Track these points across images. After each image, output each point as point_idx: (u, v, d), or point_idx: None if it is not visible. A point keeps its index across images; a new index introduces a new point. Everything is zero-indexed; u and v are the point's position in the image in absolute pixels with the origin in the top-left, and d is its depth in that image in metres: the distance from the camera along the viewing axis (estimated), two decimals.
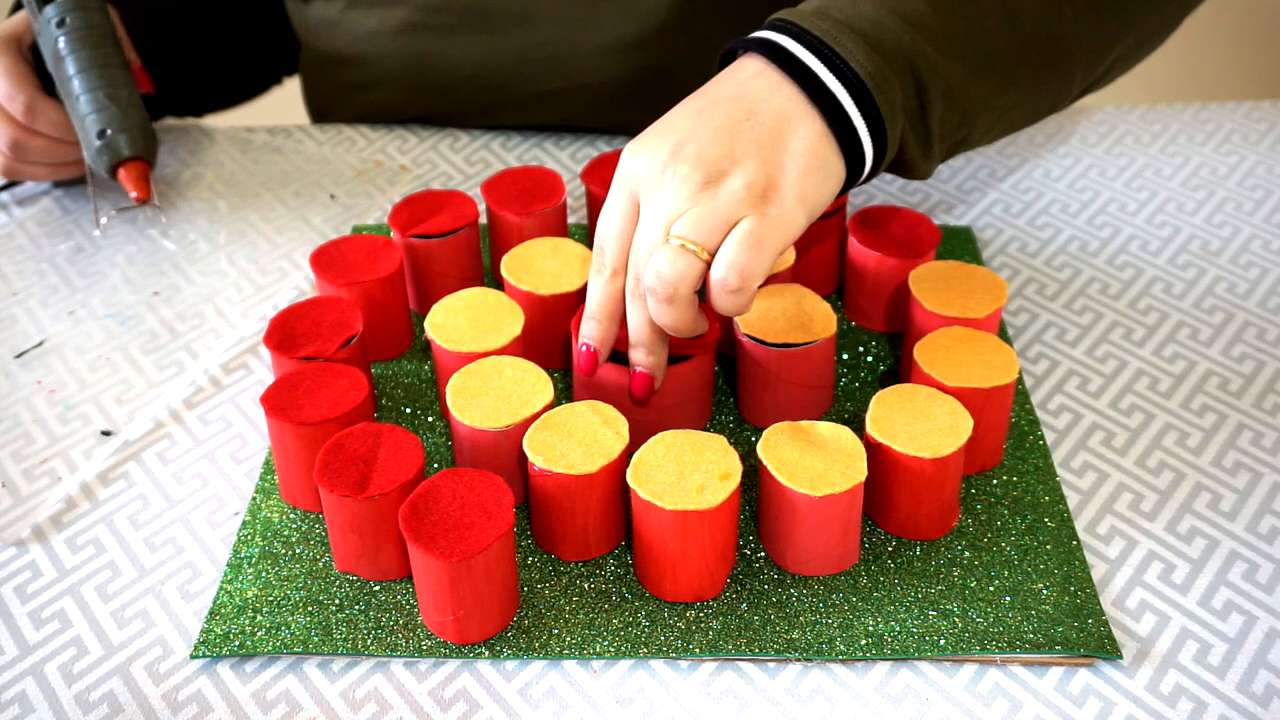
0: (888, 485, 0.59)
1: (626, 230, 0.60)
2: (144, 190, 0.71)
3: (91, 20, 0.74)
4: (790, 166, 0.58)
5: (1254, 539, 0.62)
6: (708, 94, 0.60)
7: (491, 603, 0.56)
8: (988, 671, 0.56)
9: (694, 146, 0.58)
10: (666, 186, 0.58)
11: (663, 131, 0.59)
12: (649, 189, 0.59)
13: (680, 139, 0.58)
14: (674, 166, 0.58)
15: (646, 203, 0.59)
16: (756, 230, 0.56)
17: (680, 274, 0.56)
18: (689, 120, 0.59)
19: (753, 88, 0.59)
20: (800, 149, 0.58)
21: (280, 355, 0.64)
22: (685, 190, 0.57)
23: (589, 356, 0.62)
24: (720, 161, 0.57)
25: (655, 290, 0.57)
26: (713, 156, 0.57)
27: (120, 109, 0.71)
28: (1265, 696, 0.55)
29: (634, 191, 0.60)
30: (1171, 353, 0.72)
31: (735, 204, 0.57)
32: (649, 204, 0.59)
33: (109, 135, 0.69)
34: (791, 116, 0.58)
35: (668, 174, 0.58)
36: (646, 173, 0.59)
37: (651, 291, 0.57)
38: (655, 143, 0.59)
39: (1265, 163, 0.88)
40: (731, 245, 0.56)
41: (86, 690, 0.56)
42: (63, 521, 0.64)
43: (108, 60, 0.73)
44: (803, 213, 0.58)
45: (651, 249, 0.58)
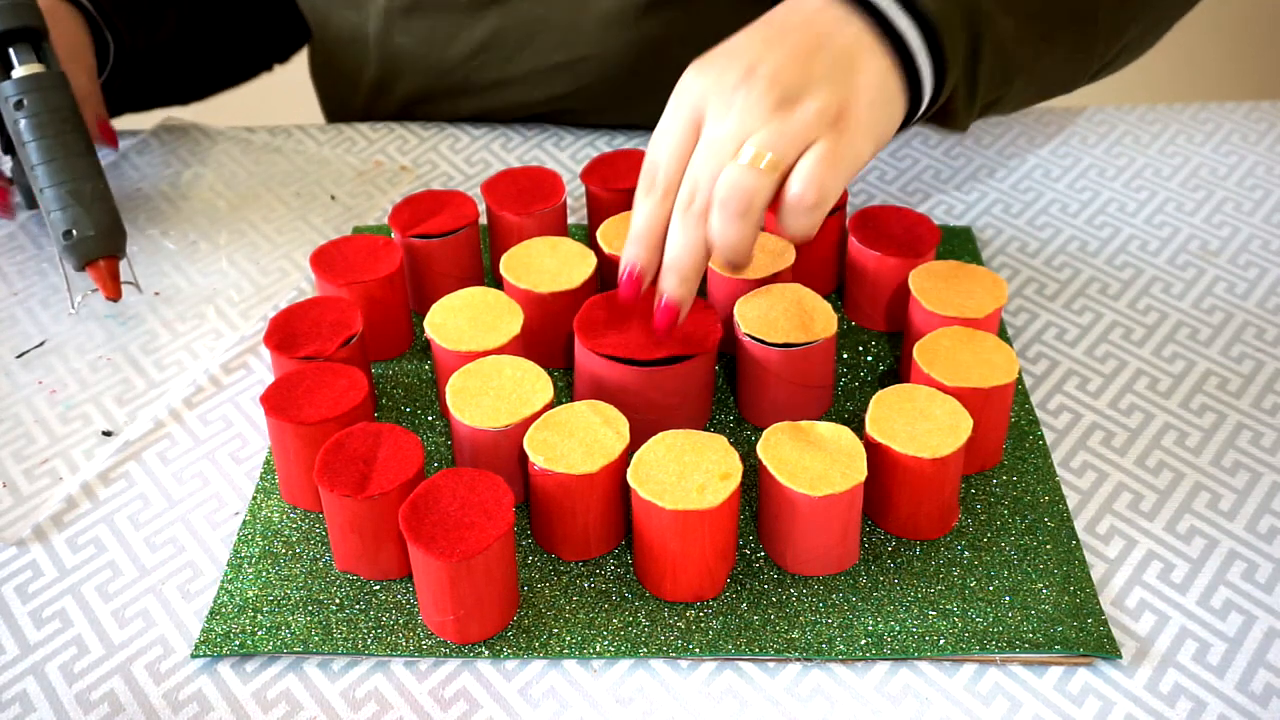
0: (887, 485, 0.59)
1: (685, 150, 0.59)
2: (113, 290, 0.71)
3: (51, 102, 0.70)
4: (860, 97, 0.58)
5: (1253, 539, 0.62)
6: (774, 22, 0.60)
7: (491, 602, 0.56)
8: (987, 671, 0.56)
9: (767, 69, 0.58)
10: (738, 105, 0.57)
11: (732, 53, 0.59)
12: (717, 107, 0.58)
13: (751, 61, 0.58)
14: (747, 86, 0.57)
15: (714, 121, 0.58)
16: (834, 149, 0.56)
17: (756, 186, 0.56)
18: (759, 45, 0.59)
19: (822, 19, 0.59)
20: (869, 82, 0.58)
21: (280, 355, 0.64)
22: (759, 110, 0.57)
23: (633, 281, 0.60)
24: (794, 86, 0.57)
25: (728, 203, 0.56)
26: (787, 79, 0.57)
27: (85, 206, 0.69)
28: (1264, 696, 0.55)
29: (698, 111, 0.59)
30: (1171, 353, 0.73)
31: (810, 126, 0.57)
32: (718, 122, 0.58)
33: (75, 236, 0.69)
34: (861, 49, 0.59)
35: (740, 93, 0.57)
36: (715, 91, 0.58)
37: (724, 204, 0.56)
38: (725, 63, 0.59)
39: (1265, 163, 0.88)
40: (809, 161, 0.56)
41: (87, 689, 0.57)
42: (63, 521, 0.64)
43: (70, 149, 0.70)
44: (870, 143, 0.58)
45: (719, 166, 0.57)
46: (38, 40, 0.72)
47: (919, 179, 0.87)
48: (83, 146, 0.71)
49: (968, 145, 0.90)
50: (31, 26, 0.72)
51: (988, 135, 0.91)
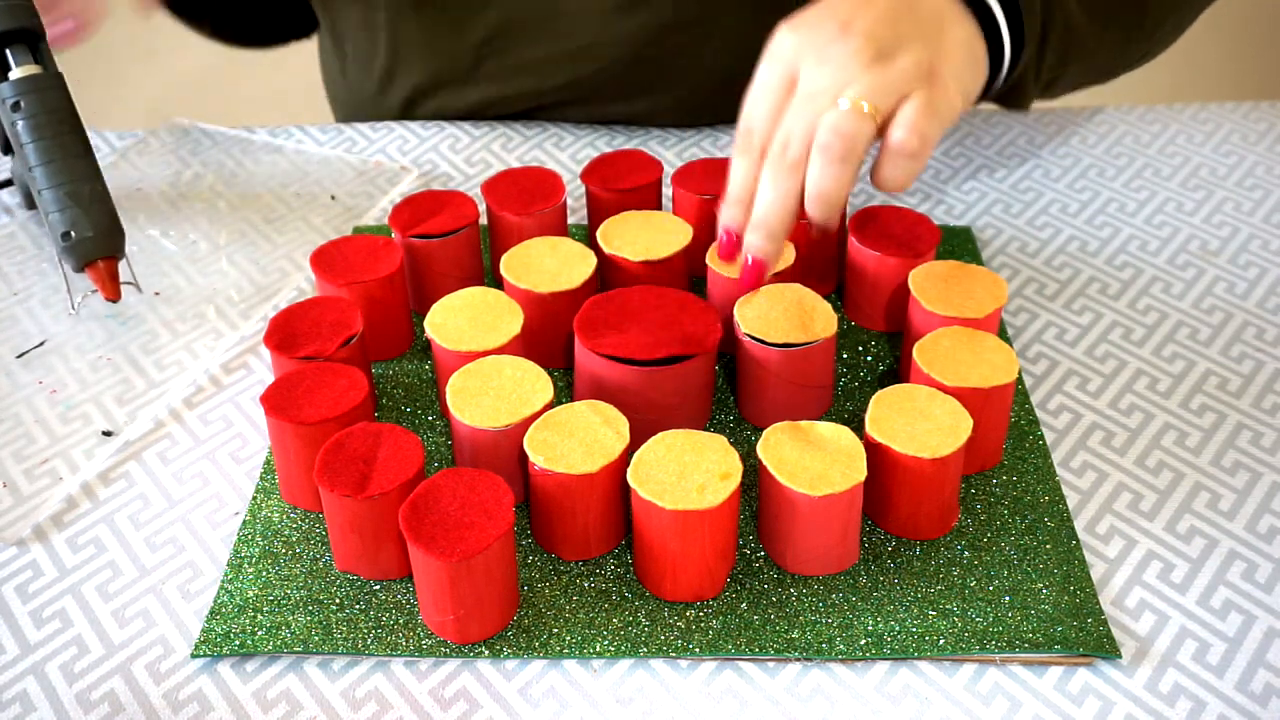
0: (887, 485, 0.59)
1: (780, 106, 0.61)
2: (112, 291, 0.71)
3: (49, 103, 0.70)
4: (950, 56, 0.60)
5: (1253, 538, 0.62)
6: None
7: (491, 602, 0.56)
8: (987, 671, 0.56)
9: (861, 24, 0.59)
10: (833, 60, 0.59)
11: (824, 11, 0.61)
12: (812, 63, 0.60)
13: (846, 18, 0.60)
14: (842, 41, 0.59)
15: (811, 73, 0.59)
16: (931, 99, 0.58)
17: (857, 130, 0.57)
18: (852, 3, 0.60)
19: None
20: (957, 42, 0.61)
21: (280, 355, 0.64)
22: (855, 63, 0.58)
23: (732, 243, 0.61)
24: (888, 41, 0.59)
25: (830, 146, 0.57)
26: (881, 35, 0.59)
27: (83, 208, 0.69)
28: (1264, 695, 0.55)
29: (793, 66, 0.60)
30: (1171, 353, 0.73)
31: (906, 78, 0.58)
32: (814, 74, 0.59)
33: (73, 238, 0.69)
34: (949, 13, 0.61)
35: (835, 47, 0.59)
36: (810, 47, 0.60)
37: (825, 148, 0.57)
38: (818, 20, 0.60)
39: (1264, 163, 0.88)
40: (909, 109, 0.57)
41: (87, 689, 0.57)
42: (64, 521, 0.65)
43: (68, 150, 0.70)
44: (960, 100, 0.60)
45: (815, 117, 0.58)
46: (34, 41, 0.72)
47: (919, 179, 0.87)
48: (80, 148, 0.71)
49: (968, 145, 0.90)
50: (28, 28, 0.72)
51: (988, 135, 0.91)
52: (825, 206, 0.58)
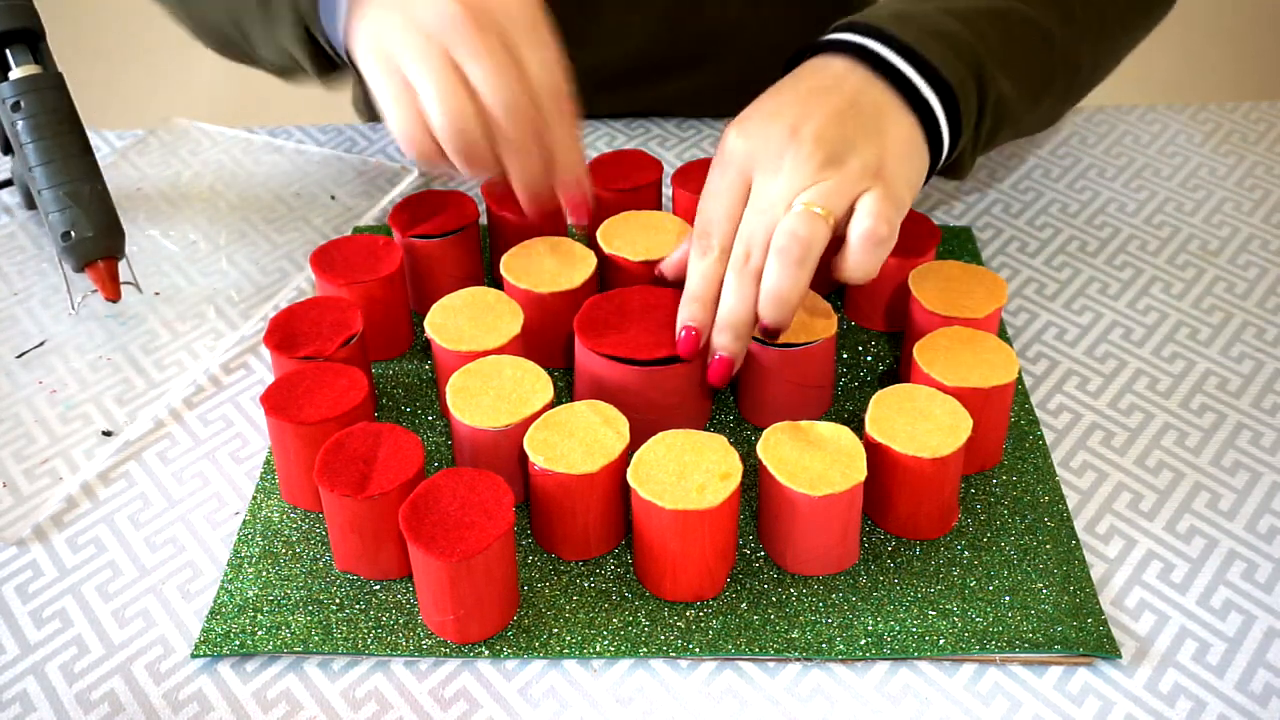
0: (887, 485, 0.59)
1: (736, 209, 0.62)
2: (112, 290, 0.71)
3: (48, 103, 0.71)
4: (893, 151, 0.61)
5: (1253, 538, 0.62)
6: (802, 84, 0.64)
7: (491, 602, 0.56)
8: (987, 671, 0.56)
9: (810, 129, 0.61)
10: (787, 165, 0.60)
11: (772, 114, 0.62)
12: (766, 168, 0.61)
13: (794, 122, 0.61)
14: (794, 146, 0.60)
15: (764, 181, 0.61)
16: (885, 194, 0.59)
17: (813, 233, 0.58)
18: (797, 105, 0.62)
19: (850, 81, 0.63)
20: (899, 137, 0.62)
21: (280, 355, 0.64)
22: (808, 168, 0.60)
23: (692, 339, 0.62)
24: (837, 143, 0.60)
25: (788, 250, 0.58)
26: (830, 138, 0.60)
27: (83, 208, 0.69)
28: (1264, 695, 0.55)
29: (745, 172, 0.62)
30: (1170, 353, 0.73)
31: (856, 180, 0.60)
32: (768, 182, 0.61)
33: (73, 238, 0.69)
34: (889, 109, 0.62)
35: (789, 154, 0.60)
36: (763, 153, 0.61)
37: (783, 252, 0.58)
38: (767, 124, 0.62)
39: (1264, 163, 0.88)
40: (869, 200, 0.59)
41: (87, 689, 0.57)
42: (64, 521, 0.65)
43: (68, 150, 0.70)
44: (909, 193, 0.61)
45: (772, 224, 0.60)
46: (34, 41, 0.72)
47: None
48: (80, 147, 0.71)
49: None
50: (28, 28, 0.72)
51: None
52: (780, 307, 0.60)
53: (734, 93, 0.90)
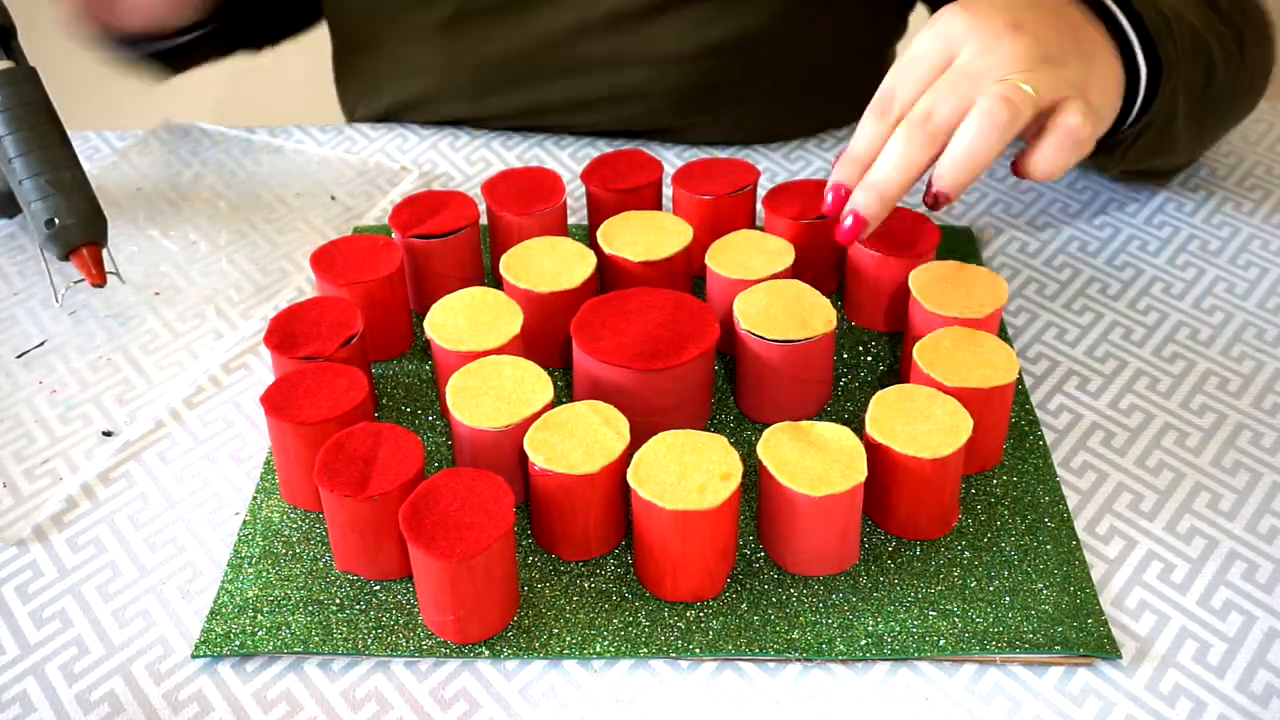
0: (888, 485, 0.59)
1: (930, 80, 0.60)
2: (98, 276, 0.71)
3: (24, 95, 0.70)
4: (1097, 85, 0.62)
5: (1253, 539, 0.62)
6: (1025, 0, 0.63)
7: (492, 603, 0.56)
8: (988, 671, 0.56)
9: (1032, 28, 0.60)
10: (1004, 49, 0.59)
11: (995, 7, 0.61)
12: (977, 45, 0.60)
13: (1018, 18, 0.61)
14: (1013, 37, 0.60)
15: (973, 55, 0.60)
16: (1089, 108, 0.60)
17: (1022, 104, 0.57)
18: (1021, 8, 0.61)
19: (1070, 10, 0.64)
20: (1106, 74, 0.63)
21: (280, 355, 0.64)
22: (1024, 56, 0.59)
23: (839, 199, 0.61)
24: (1054, 49, 0.60)
25: (994, 112, 0.57)
26: (1049, 42, 0.60)
27: (65, 194, 0.69)
28: (1264, 696, 0.55)
29: (952, 46, 0.60)
30: (1171, 353, 0.73)
31: (1067, 85, 0.60)
32: (978, 59, 0.59)
33: (57, 225, 0.69)
34: (1103, 45, 0.63)
35: (1006, 40, 0.59)
36: (978, 33, 0.60)
37: (988, 113, 0.57)
38: (989, 13, 0.61)
39: (1264, 163, 0.88)
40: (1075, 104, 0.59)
41: (87, 690, 0.57)
42: (64, 521, 0.64)
43: (46, 140, 0.70)
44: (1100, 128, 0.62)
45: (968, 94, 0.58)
46: (5, 37, 0.72)
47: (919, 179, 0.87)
48: (58, 138, 0.71)
49: None
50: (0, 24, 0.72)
51: None
52: (964, 170, 0.57)
53: None
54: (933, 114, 0.58)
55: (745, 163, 0.76)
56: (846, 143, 0.91)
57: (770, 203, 0.73)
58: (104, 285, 0.70)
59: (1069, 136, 0.58)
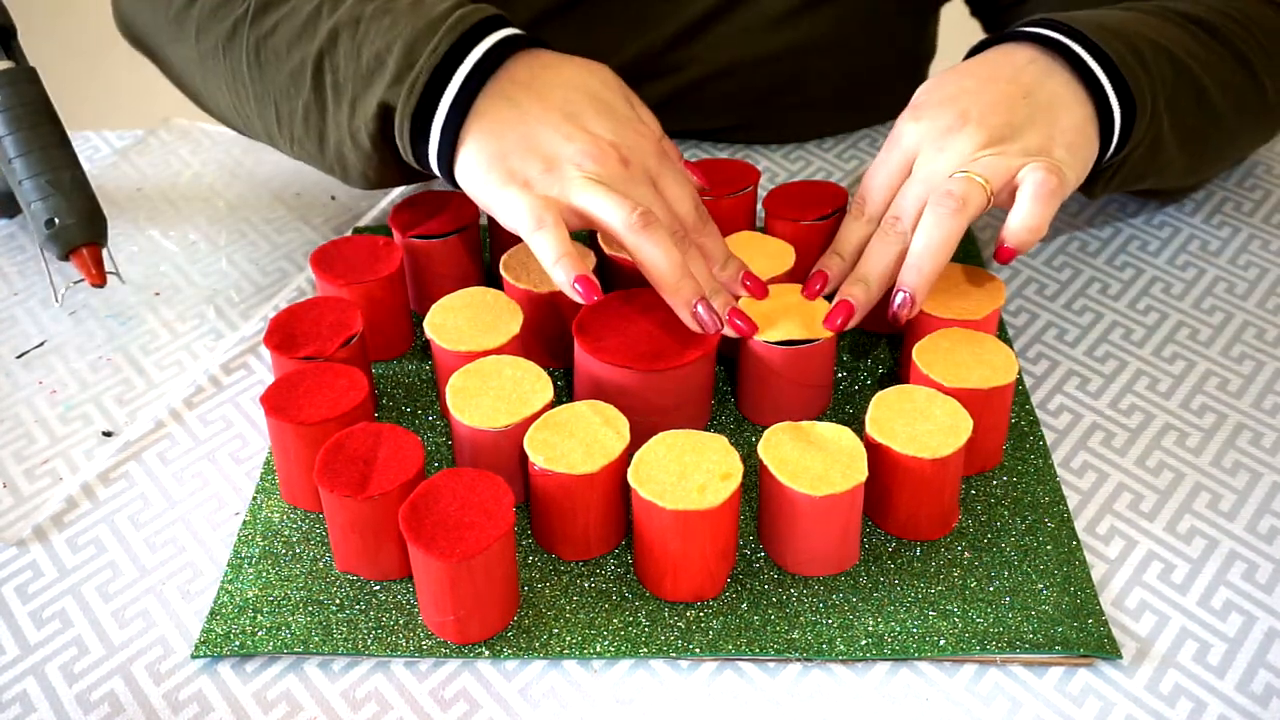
0: (888, 486, 0.59)
1: (896, 184, 0.66)
2: (98, 276, 0.71)
3: (24, 96, 0.70)
4: (1061, 141, 0.64)
5: (1253, 539, 0.62)
6: (981, 71, 0.67)
7: (492, 603, 0.56)
8: (988, 671, 0.56)
9: (977, 114, 0.64)
10: (951, 146, 0.64)
11: (944, 101, 0.66)
12: (931, 148, 0.65)
13: (964, 109, 0.65)
14: (960, 130, 0.64)
15: (927, 159, 0.65)
16: (1050, 165, 0.62)
17: (971, 193, 0.61)
18: (967, 95, 0.66)
19: (1028, 71, 0.67)
20: (1070, 126, 0.65)
21: (280, 355, 0.64)
22: (970, 147, 0.64)
23: (821, 278, 0.66)
24: (1003, 129, 0.64)
25: (943, 202, 0.61)
26: (997, 124, 0.64)
27: (65, 195, 0.69)
28: (1264, 696, 0.55)
29: (911, 153, 0.66)
30: (1171, 353, 0.73)
31: (1018, 156, 0.63)
32: (931, 160, 0.65)
33: (57, 225, 0.69)
34: (1067, 96, 0.66)
35: (952, 136, 0.64)
36: (930, 135, 0.65)
37: (939, 202, 0.61)
38: (939, 110, 0.65)
39: (1264, 163, 0.88)
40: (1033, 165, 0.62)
41: (87, 690, 0.57)
42: (64, 521, 0.64)
43: (46, 141, 0.70)
44: (1072, 178, 0.64)
45: (927, 194, 0.63)
46: (5, 37, 0.72)
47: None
48: (58, 138, 0.71)
49: None
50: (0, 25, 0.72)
51: None
52: (923, 263, 0.62)
53: None
54: (900, 217, 0.65)
55: (745, 163, 0.76)
56: (847, 143, 0.91)
57: (770, 204, 0.73)
58: (104, 285, 0.70)
59: (1038, 189, 0.61)
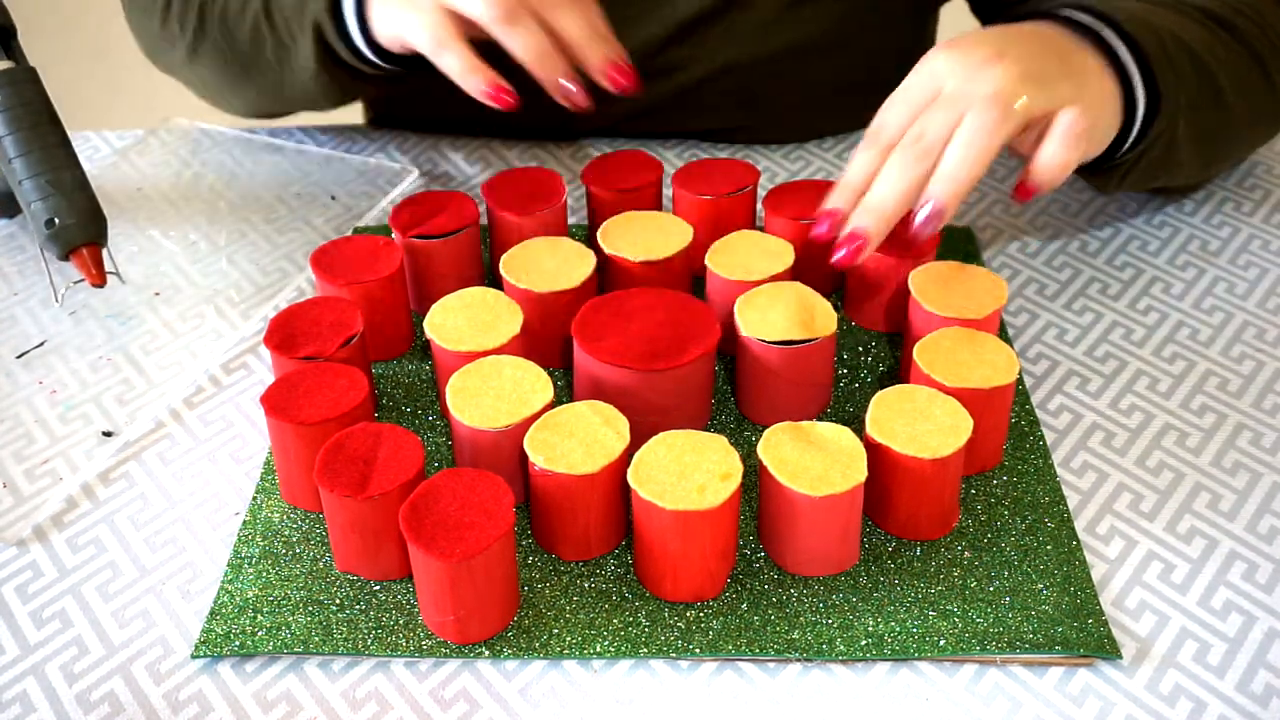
0: (888, 486, 0.59)
1: (917, 111, 0.62)
2: (98, 276, 0.71)
3: (24, 96, 0.70)
4: (1090, 99, 0.62)
5: (1253, 539, 0.62)
6: (1013, 30, 0.64)
7: (492, 603, 0.56)
8: (988, 671, 0.56)
9: (1014, 55, 0.61)
10: (989, 74, 0.60)
11: (980, 40, 0.62)
12: (962, 76, 0.61)
13: (1001, 48, 0.61)
14: (995, 63, 0.61)
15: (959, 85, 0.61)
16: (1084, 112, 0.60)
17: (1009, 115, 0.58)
18: (1002, 40, 0.62)
19: (1059, 39, 0.65)
20: (1103, 92, 0.63)
21: (280, 355, 0.64)
22: (1012, 78, 0.60)
23: (832, 216, 0.62)
24: (1038, 73, 0.61)
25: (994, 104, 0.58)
26: (1032, 66, 0.61)
27: (65, 195, 0.69)
28: (1264, 696, 0.55)
29: (939, 81, 0.62)
30: (1171, 353, 0.73)
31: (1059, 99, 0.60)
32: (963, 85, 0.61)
33: (57, 225, 0.69)
34: (1097, 68, 0.64)
35: (987, 67, 0.60)
36: (962, 65, 0.61)
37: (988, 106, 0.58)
38: (972, 47, 0.62)
39: (1264, 163, 0.88)
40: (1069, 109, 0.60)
41: (87, 690, 0.57)
42: (64, 521, 0.64)
43: (46, 140, 0.70)
44: (1093, 143, 0.62)
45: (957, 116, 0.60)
46: (5, 37, 0.72)
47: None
48: (58, 138, 0.71)
49: None
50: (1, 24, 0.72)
51: None
52: (954, 182, 0.58)
53: None
54: (924, 134, 0.60)
55: (745, 163, 0.76)
56: (847, 143, 0.91)
57: (770, 203, 0.73)
58: (104, 285, 0.70)
59: (1068, 130, 0.59)
